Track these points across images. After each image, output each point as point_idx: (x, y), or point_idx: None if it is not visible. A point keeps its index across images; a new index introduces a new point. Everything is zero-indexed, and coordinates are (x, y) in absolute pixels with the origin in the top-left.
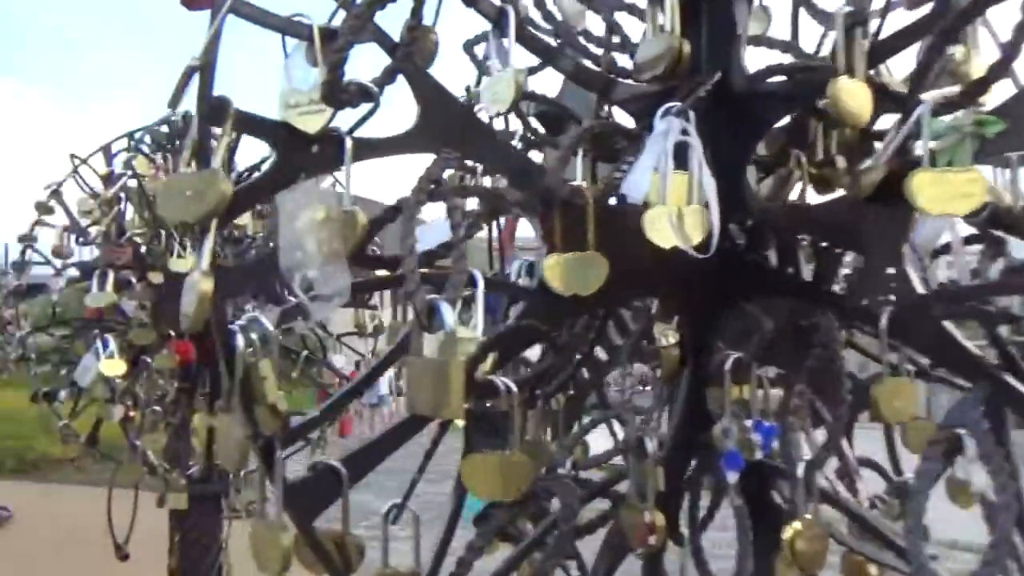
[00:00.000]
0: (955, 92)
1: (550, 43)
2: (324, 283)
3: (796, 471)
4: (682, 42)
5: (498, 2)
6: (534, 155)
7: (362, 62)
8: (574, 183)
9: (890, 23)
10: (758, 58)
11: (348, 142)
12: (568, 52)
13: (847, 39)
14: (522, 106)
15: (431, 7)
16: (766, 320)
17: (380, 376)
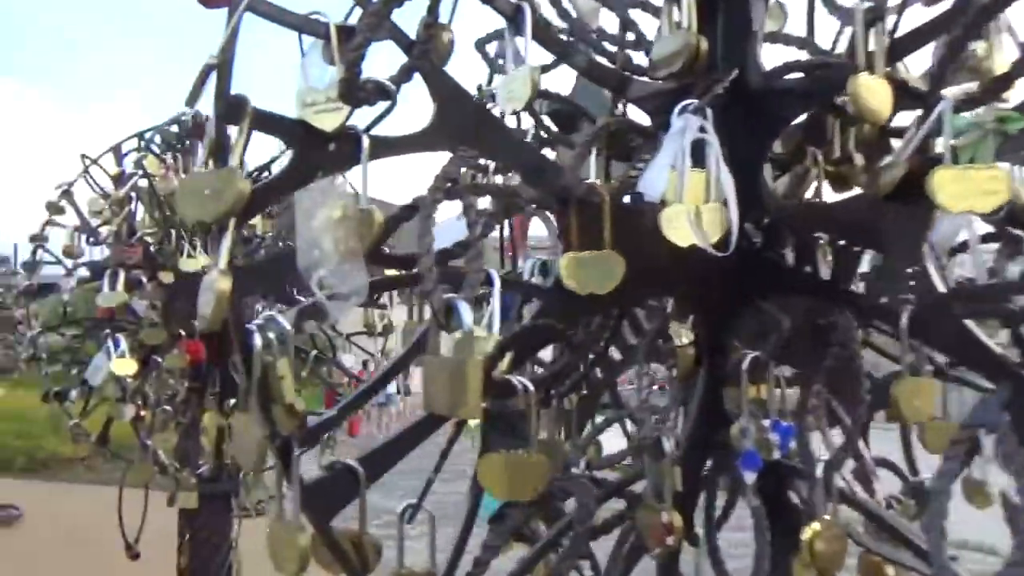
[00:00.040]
0: (977, 88)
1: (565, 40)
2: (341, 282)
3: (815, 471)
4: (699, 39)
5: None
6: (547, 153)
7: (377, 60)
8: (590, 181)
9: (908, 20)
10: (774, 55)
11: (365, 140)
12: (583, 49)
13: (866, 35)
14: (535, 104)
15: (447, 5)
16: (784, 319)
17: (396, 375)
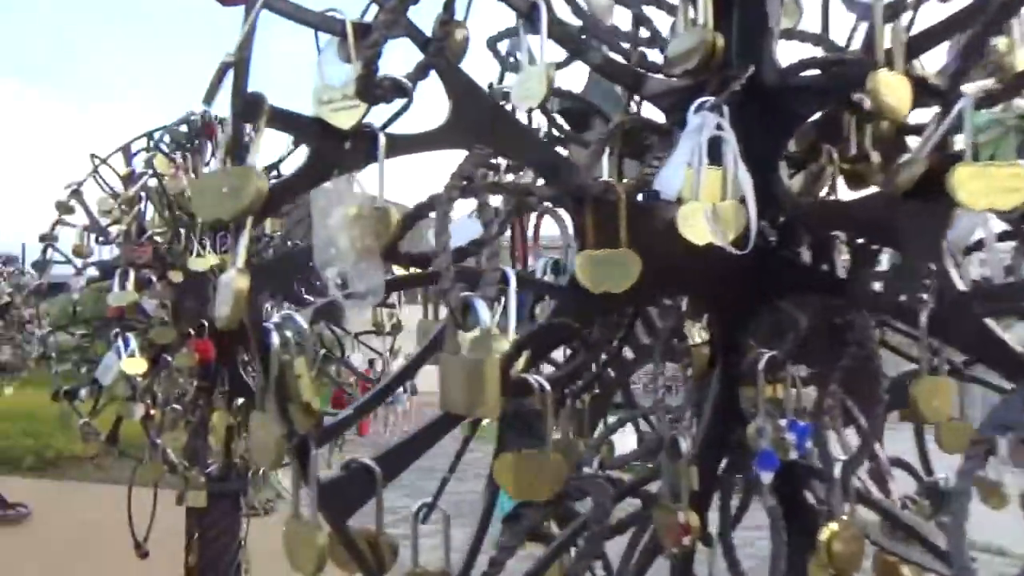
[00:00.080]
0: (997, 85)
1: (579, 37)
2: (358, 280)
3: (833, 471)
4: (715, 36)
5: None
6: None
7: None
8: (605, 179)
9: (923, 16)
10: (789, 51)
11: (382, 138)
12: (597, 46)
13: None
14: (547, 102)
15: (462, 2)
16: (802, 318)
17: (413, 374)
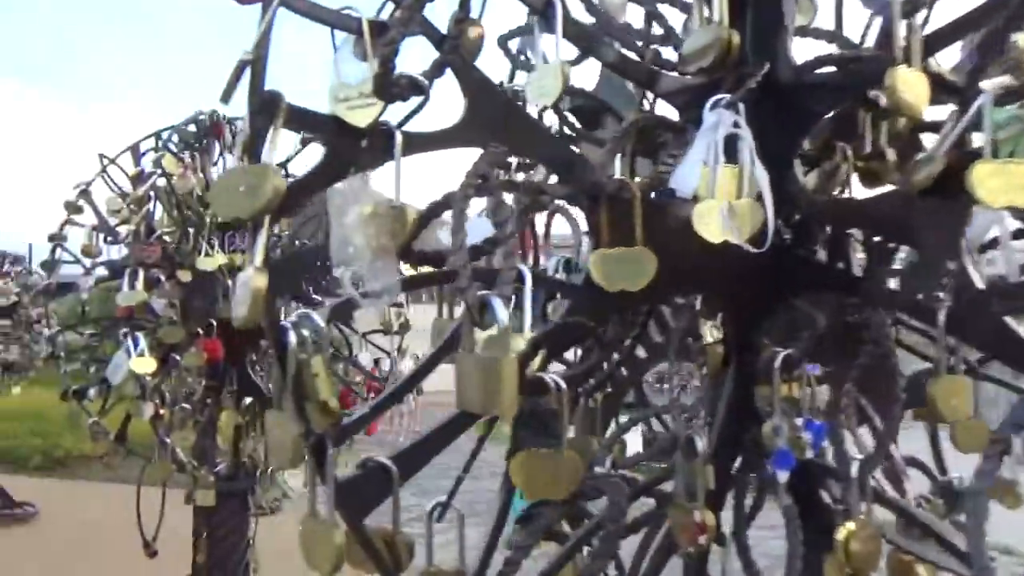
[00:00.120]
0: (1016, 81)
1: (593, 34)
2: (374, 279)
3: (850, 471)
4: (731, 33)
5: None
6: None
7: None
8: (620, 177)
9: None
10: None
11: (398, 136)
12: (612, 43)
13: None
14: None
15: (477, 0)
16: (819, 316)
17: (428, 373)
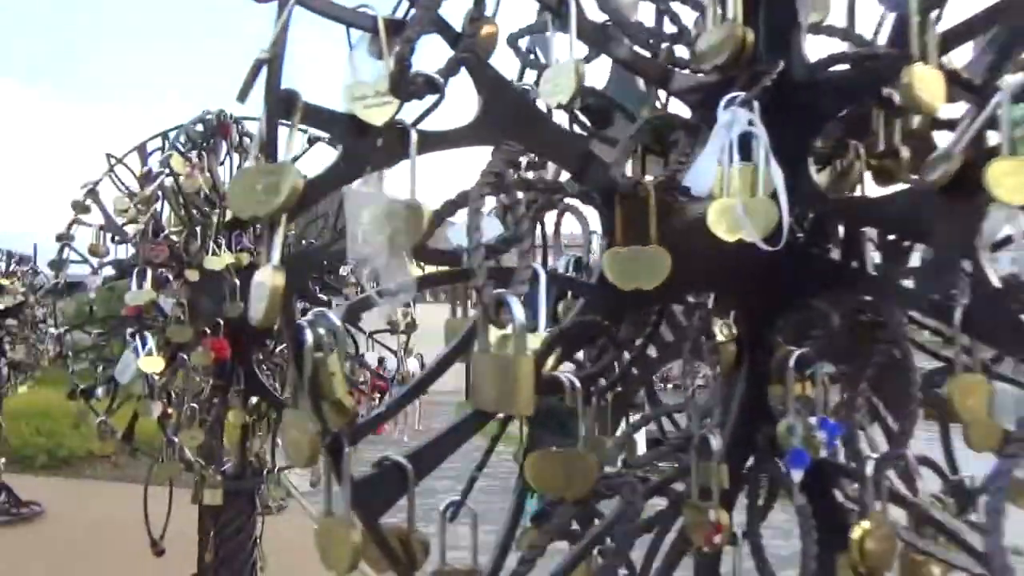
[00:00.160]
0: None
1: (606, 32)
2: (389, 278)
3: (865, 470)
4: (745, 30)
5: None
6: None
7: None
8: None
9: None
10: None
11: (413, 134)
12: (625, 41)
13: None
14: None
15: None
16: (834, 315)
17: (443, 373)
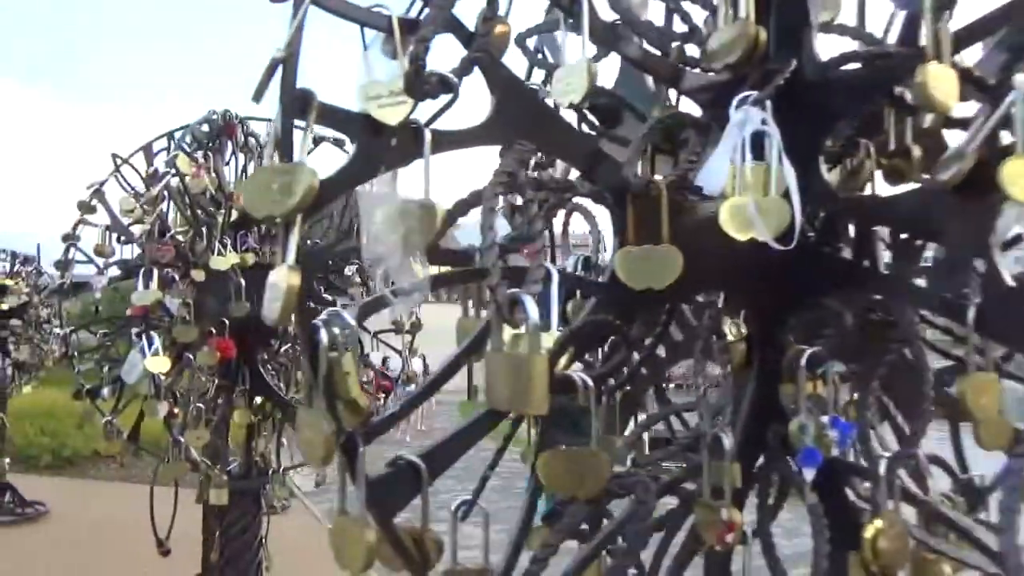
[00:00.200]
0: None
1: (616, 31)
2: (403, 277)
3: (877, 468)
4: (757, 29)
5: None
6: None
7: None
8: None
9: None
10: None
11: (427, 134)
12: (635, 40)
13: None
14: None
15: None
16: (846, 314)
17: (455, 372)
